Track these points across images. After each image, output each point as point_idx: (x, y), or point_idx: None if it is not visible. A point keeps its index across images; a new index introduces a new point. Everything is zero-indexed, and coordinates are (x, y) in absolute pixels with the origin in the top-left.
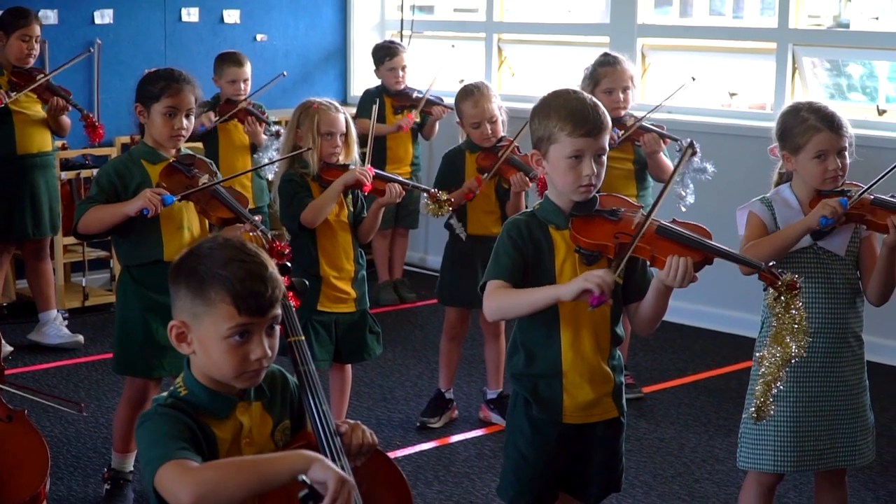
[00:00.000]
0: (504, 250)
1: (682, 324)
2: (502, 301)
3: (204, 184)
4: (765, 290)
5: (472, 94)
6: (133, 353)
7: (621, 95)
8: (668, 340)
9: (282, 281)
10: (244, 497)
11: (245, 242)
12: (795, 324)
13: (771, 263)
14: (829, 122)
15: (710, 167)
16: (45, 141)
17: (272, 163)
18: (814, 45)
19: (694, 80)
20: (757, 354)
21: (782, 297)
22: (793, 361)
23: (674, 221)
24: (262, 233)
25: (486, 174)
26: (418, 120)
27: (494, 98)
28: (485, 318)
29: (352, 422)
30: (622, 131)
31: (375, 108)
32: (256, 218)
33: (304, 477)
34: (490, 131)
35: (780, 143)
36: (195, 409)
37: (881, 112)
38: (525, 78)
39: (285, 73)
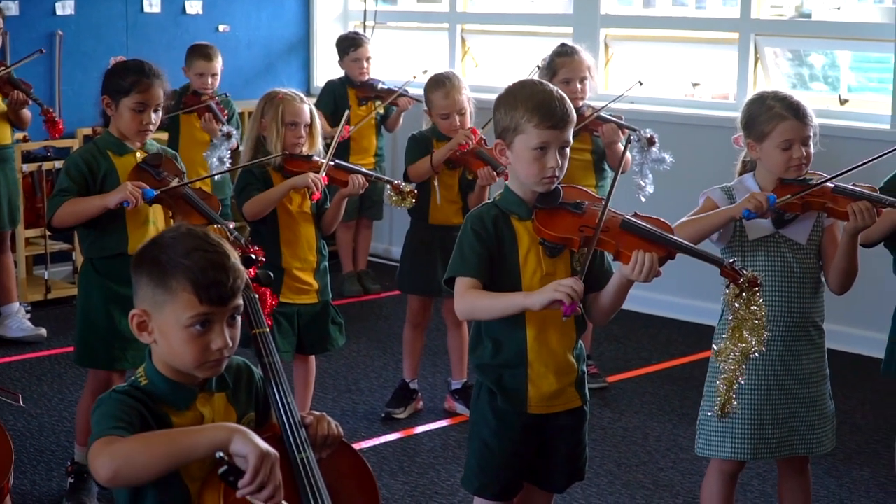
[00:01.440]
0: (469, 245)
1: (645, 313)
2: (474, 303)
3: (175, 184)
4: (726, 286)
5: (442, 85)
6: (96, 346)
7: (579, 86)
8: (631, 330)
9: (244, 271)
10: (161, 469)
11: (208, 232)
12: (756, 319)
13: (732, 260)
14: (794, 111)
15: (668, 157)
16: (4, 134)
17: (236, 167)
18: (776, 35)
19: (641, 84)
20: (715, 347)
21: (743, 294)
22: (753, 356)
23: (635, 215)
24: (236, 239)
25: (452, 165)
26: (382, 112)
27: (464, 90)
28: (448, 307)
29: (317, 413)
30: (580, 122)
31: (348, 113)
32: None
33: (221, 453)
34: (458, 122)
35: (746, 132)
36: (154, 398)
37: (843, 102)
38: (489, 68)
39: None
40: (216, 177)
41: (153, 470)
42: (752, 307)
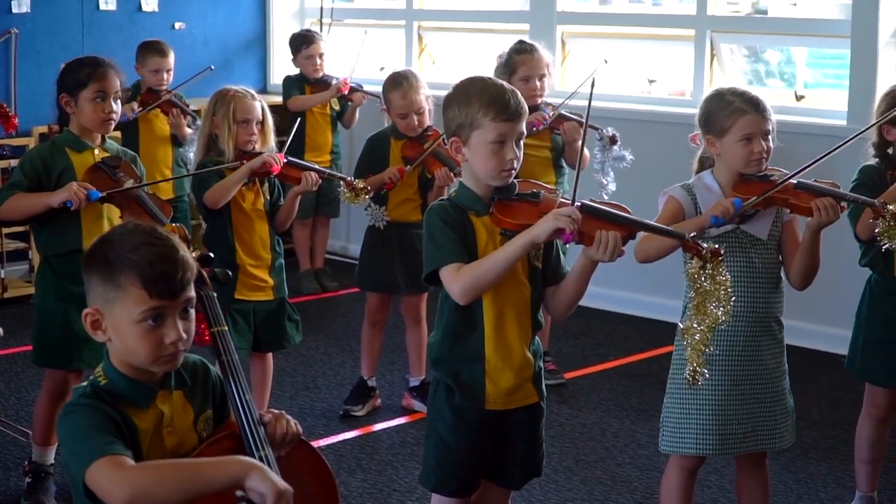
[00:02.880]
0: (442, 234)
1: (602, 309)
2: (474, 275)
3: (127, 187)
4: (690, 259)
5: (400, 85)
6: (52, 345)
7: (538, 83)
8: (589, 326)
9: (194, 264)
10: (180, 501)
11: (155, 227)
12: (723, 290)
13: (692, 234)
14: (754, 105)
15: (628, 155)
16: None
17: (192, 174)
18: (732, 31)
19: (606, 62)
20: (681, 326)
21: (707, 266)
22: (721, 327)
23: (592, 201)
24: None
25: (409, 166)
26: (338, 108)
27: (423, 89)
28: (406, 304)
29: (276, 411)
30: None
31: (298, 125)
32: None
33: (241, 493)
34: (417, 122)
35: (704, 129)
36: (115, 398)
37: (799, 98)
38: (445, 66)
39: (212, 67)
40: (177, 170)
41: (173, 500)
42: (717, 278)
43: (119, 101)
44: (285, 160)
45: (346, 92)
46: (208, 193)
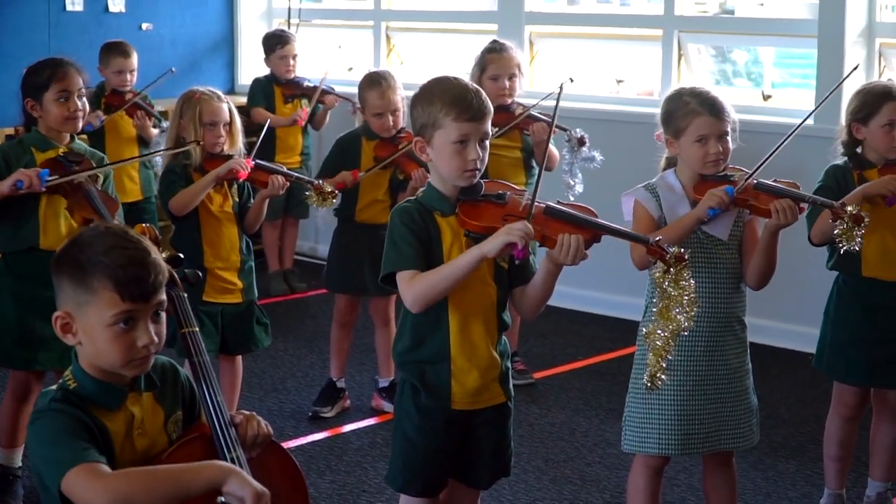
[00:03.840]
0: (402, 238)
1: (571, 309)
2: (425, 285)
3: (76, 173)
4: (653, 264)
5: (378, 84)
6: (9, 346)
7: (507, 83)
8: (558, 326)
9: (165, 267)
10: None
11: (127, 230)
12: (686, 295)
13: (657, 238)
14: (709, 106)
15: (598, 156)
16: None
17: (153, 154)
18: (699, 31)
19: (572, 80)
20: (643, 331)
21: (671, 270)
22: (683, 334)
23: (558, 203)
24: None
25: (362, 173)
26: (309, 110)
27: (399, 89)
28: (375, 305)
29: (246, 413)
30: (510, 121)
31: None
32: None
33: (222, 498)
34: (392, 122)
35: (664, 128)
36: (85, 401)
37: (766, 97)
38: (414, 66)
39: (174, 69)
40: (144, 172)
41: None
42: (680, 283)
43: (84, 99)
44: (253, 164)
45: (302, 124)
46: (174, 200)
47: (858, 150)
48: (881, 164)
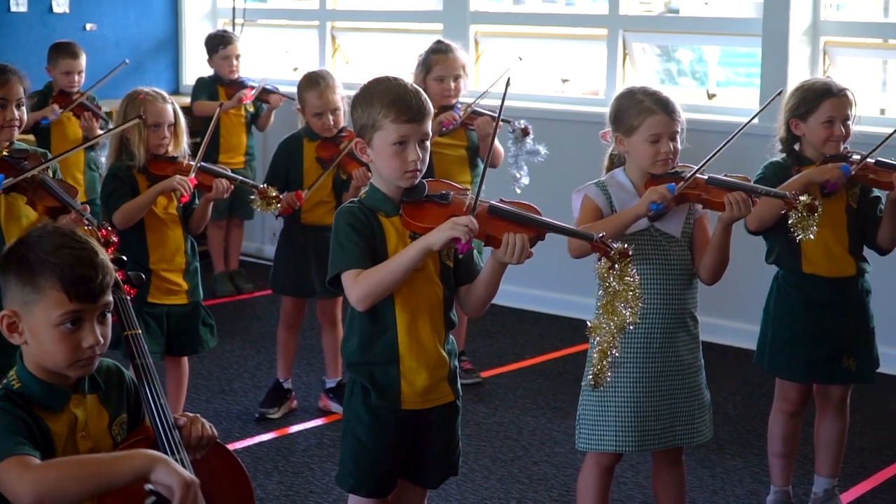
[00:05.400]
0: (347, 238)
1: (518, 308)
2: (370, 282)
3: (30, 168)
4: (598, 260)
5: (317, 84)
6: None
7: (452, 84)
8: (505, 325)
9: (112, 268)
10: (86, 496)
11: (75, 230)
12: (630, 291)
13: (601, 234)
14: (663, 106)
15: (542, 149)
16: None
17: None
18: (644, 30)
19: (521, 59)
20: (589, 325)
21: (616, 266)
22: (629, 328)
23: (501, 201)
24: (89, 221)
25: (306, 191)
26: (252, 110)
27: (338, 88)
28: (322, 307)
29: (190, 415)
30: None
31: (218, 112)
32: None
33: (150, 486)
34: (332, 122)
35: (614, 126)
36: (28, 402)
37: (711, 96)
38: (359, 66)
39: (127, 61)
40: (89, 173)
41: (80, 496)
42: (625, 279)
43: (23, 107)
44: (198, 167)
45: (250, 100)
46: (117, 214)
47: (797, 146)
48: (819, 161)
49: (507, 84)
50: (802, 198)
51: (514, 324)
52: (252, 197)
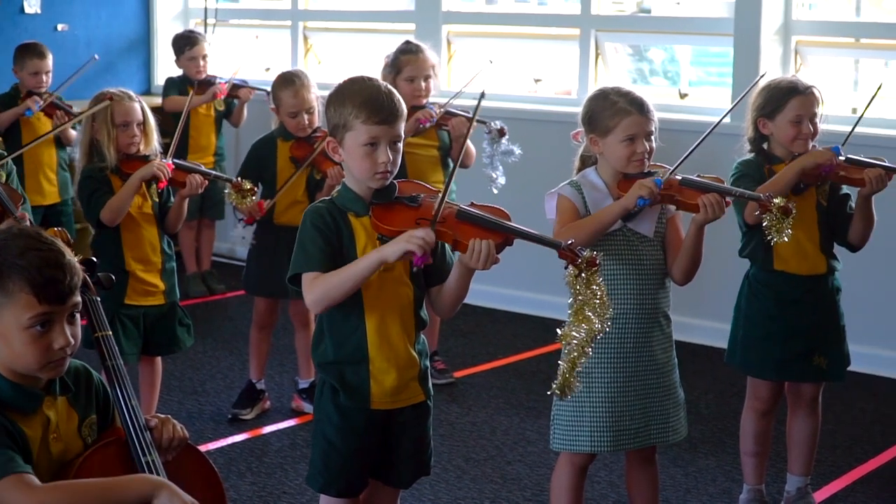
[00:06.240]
0: (310, 239)
1: (491, 308)
2: (325, 287)
3: None
4: (565, 268)
5: (292, 84)
6: None
7: (423, 84)
8: (478, 325)
9: (80, 268)
10: None
11: (40, 231)
12: (597, 299)
13: (570, 241)
14: (638, 106)
15: (516, 150)
16: None
17: (62, 127)
18: (616, 30)
19: (491, 62)
20: (560, 332)
21: (583, 275)
22: (598, 337)
23: (472, 205)
24: (30, 225)
25: (268, 201)
26: (221, 109)
27: (313, 88)
28: (294, 308)
29: (162, 416)
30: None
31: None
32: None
33: None
34: (307, 121)
35: (587, 127)
36: (2, 405)
37: (683, 96)
38: (331, 66)
39: (96, 56)
40: (62, 174)
41: None
42: (592, 287)
43: None
44: (172, 162)
45: (223, 96)
46: (104, 212)
47: (765, 146)
48: (788, 159)
49: (482, 96)
50: (776, 200)
51: (487, 323)
52: (227, 191)
